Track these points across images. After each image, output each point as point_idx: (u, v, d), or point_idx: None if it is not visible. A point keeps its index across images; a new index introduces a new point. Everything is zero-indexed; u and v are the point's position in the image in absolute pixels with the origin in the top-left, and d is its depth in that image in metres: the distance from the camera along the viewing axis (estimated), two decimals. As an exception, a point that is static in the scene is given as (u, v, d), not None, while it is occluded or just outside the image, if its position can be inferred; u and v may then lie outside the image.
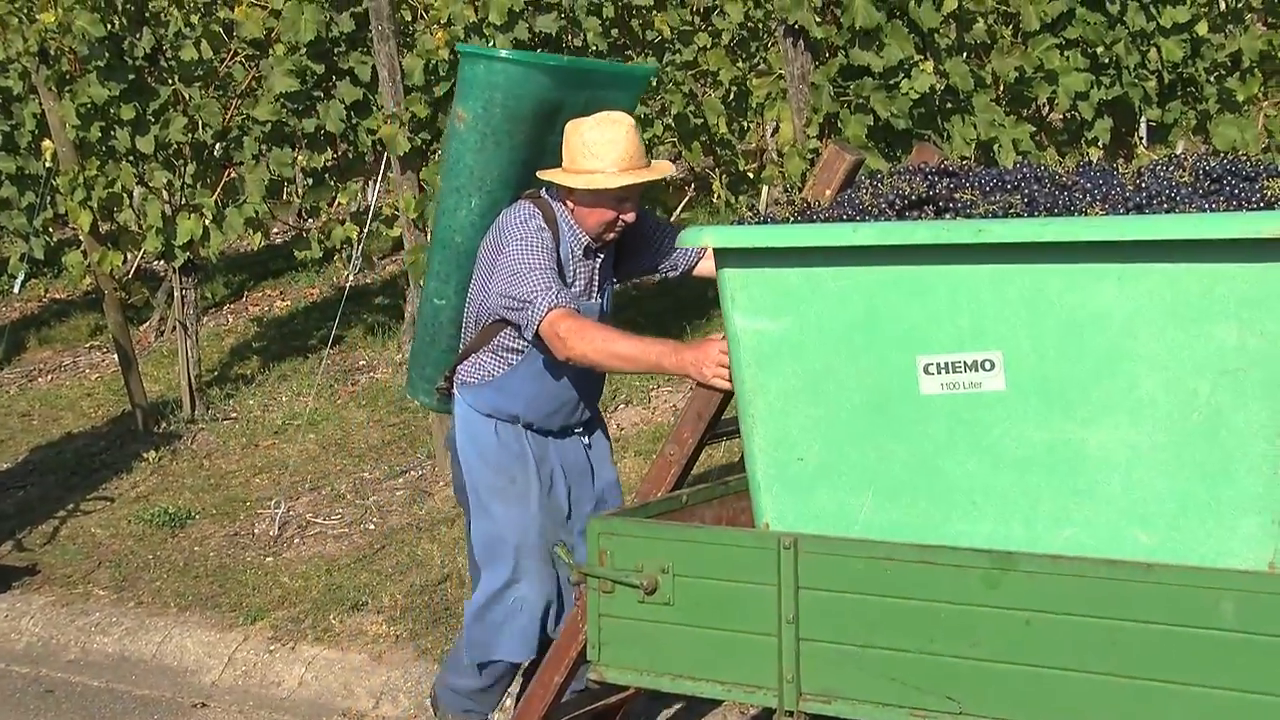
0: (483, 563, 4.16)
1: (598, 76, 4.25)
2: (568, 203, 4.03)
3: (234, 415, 8.04)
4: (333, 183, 8.06)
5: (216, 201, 7.64)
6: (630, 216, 4.05)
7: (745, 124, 8.83)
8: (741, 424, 3.12)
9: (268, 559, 6.25)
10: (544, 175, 4.04)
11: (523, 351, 4.05)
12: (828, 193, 3.61)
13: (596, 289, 4.15)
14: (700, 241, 3.10)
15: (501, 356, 4.09)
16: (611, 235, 4.08)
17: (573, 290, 4.03)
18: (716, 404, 3.58)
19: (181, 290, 7.97)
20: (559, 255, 4.01)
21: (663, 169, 4.18)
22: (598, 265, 4.13)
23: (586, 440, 4.29)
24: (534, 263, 3.89)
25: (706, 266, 4.23)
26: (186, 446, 7.68)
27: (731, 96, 8.45)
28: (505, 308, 3.94)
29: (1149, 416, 2.67)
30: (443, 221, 4.23)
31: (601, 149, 3.93)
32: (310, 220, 10.27)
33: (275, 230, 11.67)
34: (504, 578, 4.11)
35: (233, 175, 7.78)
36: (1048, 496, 2.78)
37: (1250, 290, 2.56)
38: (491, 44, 6.24)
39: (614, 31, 8.21)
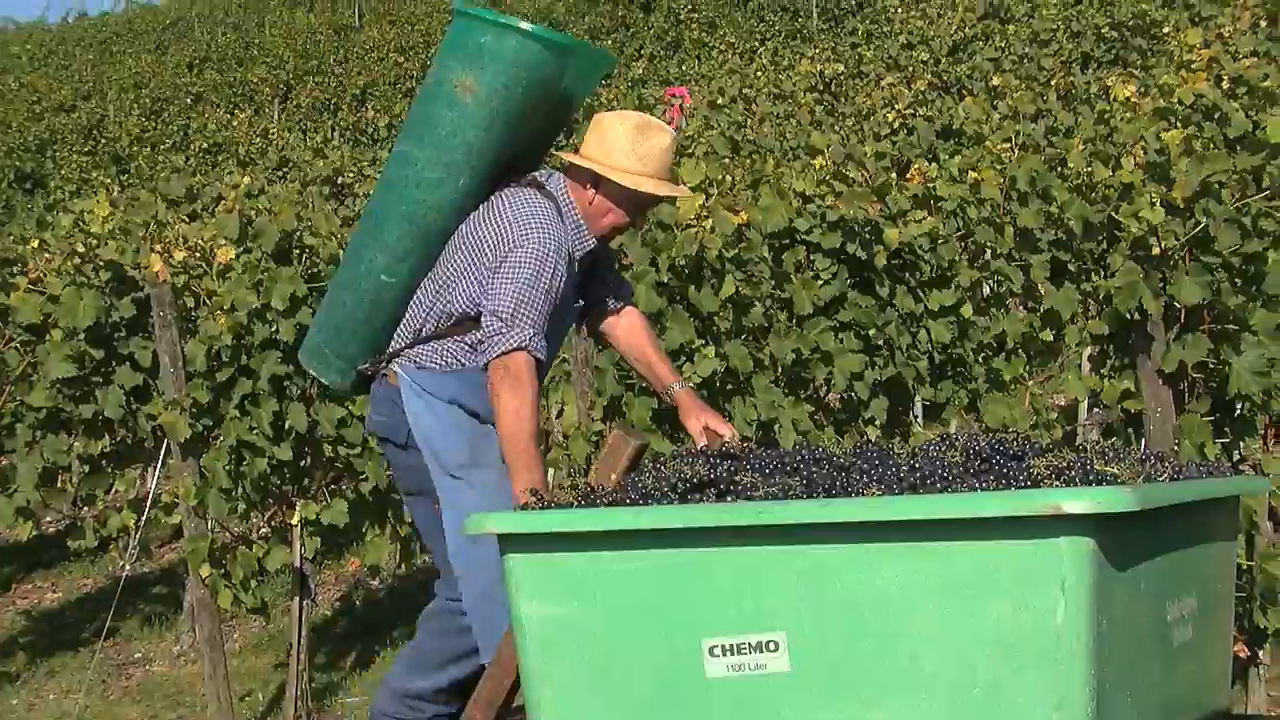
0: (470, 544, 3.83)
1: (589, 58, 4.11)
2: (585, 195, 3.95)
3: (-3, 716, 7.64)
4: (110, 469, 7.85)
5: (-14, 491, 7.38)
6: (636, 225, 4.11)
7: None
8: (528, 711, 3.07)
9: None
10: (587, 163, 3.92)
11: None
12: (613, 477, 3.64)
13: (575, 296, 4.09)
14: (484, 528, 3.08)
15: (476, 349, 3.90)
16: (604, 242, 4.07)
17: (564, 294, 3.95)
18: (507, 689, 3.52)
19: (-55, 584, 7.62)
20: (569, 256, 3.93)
21: (685, 191, 4.26)
22: (579, 270, 4.06)
23: None
24: (540, 285, 3.79)
25: (623, 334, 4.35)
26: (-57, 752, 7.25)
27: (517, 379, 8.50)
28: (490, 309, 3.80)
29: (930, 693, 2.70)
30: (414, 194, 3.94)
31: (650, 153, 3.90)
32: (85, 508, 9.96)
33: (47, 519, 11.27)
34: (487, 567, 3.77)
35: (3, 463, 7.53)
36: (837, 778, 2.77)
37: (1021, 565, 2.63)
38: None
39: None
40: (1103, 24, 20.18)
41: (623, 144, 3.91)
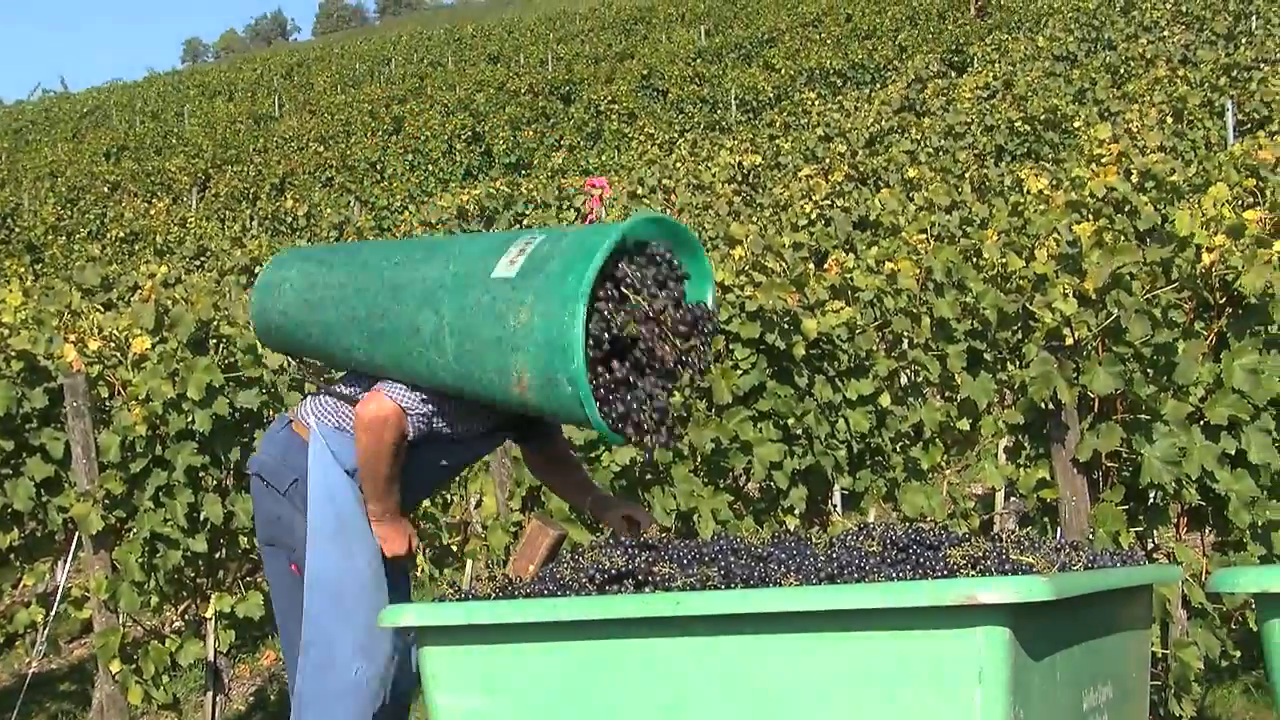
0: (313, 614, 3.85)
1: None
2: None
3: (-104, 820, 7.42)
4: (18, 563, 7.70)
5: (-111, 585, 7.21)
6: None
7: (449, 496, 8.84)
8: (444, 809, 3.02)
9: None
10: None
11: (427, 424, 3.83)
12: (531, 568, 3.62)
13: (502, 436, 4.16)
14: (400, 620, 3.05)
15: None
16: None
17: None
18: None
19: None
20: None
21: None
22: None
23: None
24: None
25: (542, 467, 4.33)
26: None
27: (436, 469, 8.45)
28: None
29: (851, 786, 2.68)
30: (413, 369, 3.77)
31: None
32: (-8, 603, 9.76)
33: (-47, 614, 11.03)
34: (338, 641, 3.81)
35: (-91, 557, 7.37)
36: None
37: (938, 655, 2.63)
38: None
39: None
40: (1015, 118, 20.57)
41: None
